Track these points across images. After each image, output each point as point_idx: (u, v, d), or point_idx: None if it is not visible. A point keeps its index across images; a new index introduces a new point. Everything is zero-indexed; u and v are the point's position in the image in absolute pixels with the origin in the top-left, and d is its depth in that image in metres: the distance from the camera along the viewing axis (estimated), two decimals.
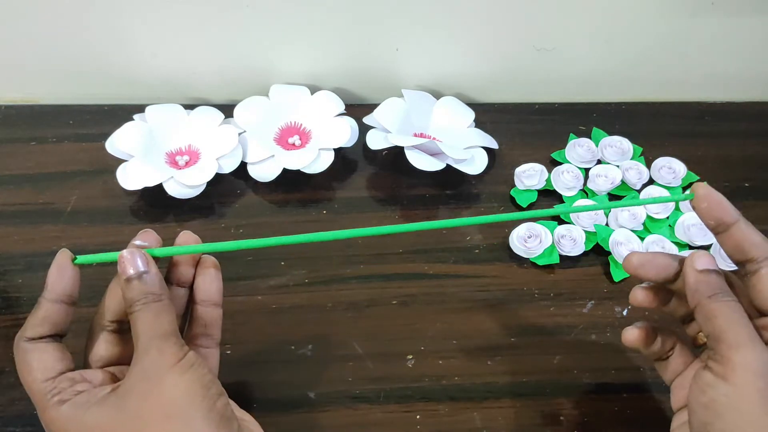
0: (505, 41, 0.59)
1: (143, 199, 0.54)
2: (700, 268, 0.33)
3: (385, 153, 0.58)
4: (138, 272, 0.33)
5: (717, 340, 0.31)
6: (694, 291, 0.33)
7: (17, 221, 0.52)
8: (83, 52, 0.57)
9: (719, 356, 0.31)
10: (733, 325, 0.31)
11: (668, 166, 0.57)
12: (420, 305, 0.48)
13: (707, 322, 0.32)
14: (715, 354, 0.31)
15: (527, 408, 0.43)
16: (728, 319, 0.31)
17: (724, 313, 0.32)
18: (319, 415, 0.42)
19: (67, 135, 0.58)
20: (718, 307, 0.32)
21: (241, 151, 0.54)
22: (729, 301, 0.32)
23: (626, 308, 0.48)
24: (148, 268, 0.33)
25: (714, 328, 0.32)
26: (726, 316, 0.32)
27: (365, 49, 0.59)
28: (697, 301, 0.33)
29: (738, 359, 0.30)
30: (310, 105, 0.58)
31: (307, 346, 0.45)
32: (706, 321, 0.32)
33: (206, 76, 0.60)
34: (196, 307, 0.37)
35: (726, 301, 0.32)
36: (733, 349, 0.30)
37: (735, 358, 0.30)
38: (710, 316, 0.32)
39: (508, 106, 0.63)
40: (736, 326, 0.31)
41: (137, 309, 0.32)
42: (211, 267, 0.37)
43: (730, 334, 0.31)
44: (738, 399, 0.30)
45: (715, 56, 0.61)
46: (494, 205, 0.55)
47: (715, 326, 0.32)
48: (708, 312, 0.32)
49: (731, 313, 0.32)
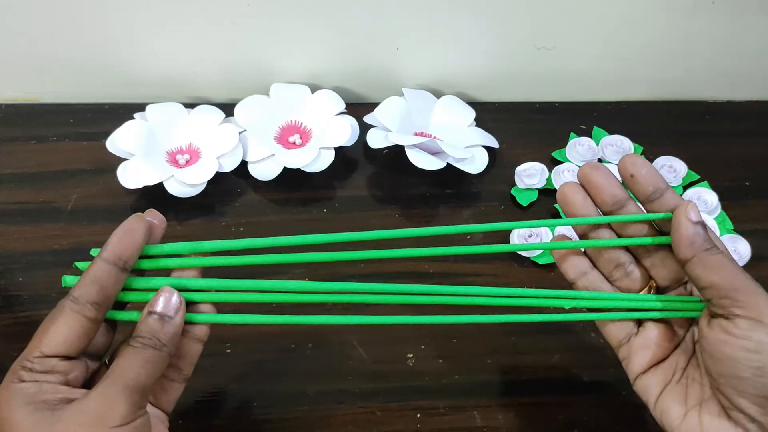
0: (506, 40, 0.59)
1: (144, 198, 0.54)
2: (695, 220, 0.33)
3: (385, 152, 0.58)
4: (164, 314, 0.31)
5: (729, 289, 0.31)
6: (690, 243, 0.33)
7: (18, 220, 0.52)
8: (84, 51, 0.57)
9: (740, 303, 0.31)
10: (741, 275, 0.32)
11: (669, 165, 0.57)
12: (420, 304, 0.48)
13: (711, 274, 0.32)
14: (731, 303, 0.31)
15: (527, 407, 0.43)
16: (734, 270, 0.32)
17: (727, 264, 0.32)
18: (318, 414, 0.42)
19: (68, 134, 0.58)
20: (718, 259, 0.32)
21: (241, 150, 0.54)
22: (725, 253, 0.33)
23: None
24: (174, 316, 0.31)
25: (722, 278, 0.31)
26: (730, 267, 0.32)
27: (366, 47, 0.59)
28: (693, 253, 0.33)
29: (763, 303, 0.30)
30: (310, 104, 0.58)
31: (307, 344, 0.45)
32: (708, 273, 0.32)
33: (207, 74, 0.60)
34: (180, 338, 0.33)
35: (724, 254, 0.33)
36: (755, 295, 0.31)
37: (760, 301, 0.30)
38: (716, 268, 0.32)
39: (508, 105, 0.63)
40: (743, 276, 0.32)
41: (134, 345, 0.30)
42: (210, 304, 0.35)
43: (741, 284, 0.31)
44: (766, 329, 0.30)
45: (716, 55, 0.61)
46: (495, 204, 0.55)
47: (723, 277, 0.32)
48: (711, 264, 0.32)
49: (734, 265, 0.32)
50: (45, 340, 0.30)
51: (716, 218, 0.53)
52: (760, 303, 0.30)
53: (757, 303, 0.30)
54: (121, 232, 0.31)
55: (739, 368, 0.30)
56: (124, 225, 0.31)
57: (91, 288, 0.30)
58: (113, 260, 0.30)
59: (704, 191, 0.55)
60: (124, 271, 0.31)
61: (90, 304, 0.30)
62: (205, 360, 0.44)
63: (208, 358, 0.44)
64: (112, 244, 0.31)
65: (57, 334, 0.30)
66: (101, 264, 0.30)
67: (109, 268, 0.30)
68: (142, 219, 0.32)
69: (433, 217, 0.54)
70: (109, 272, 0.30)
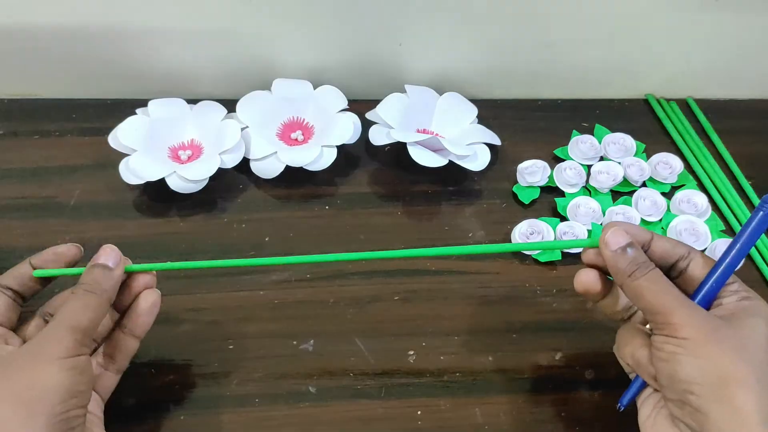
0: (509, 37, 0.59)
1: (146, 194, 0.54)
2: (614, 249, 0.36)
3: (387, 149, 0.58)
4: (105, 265, 0.36)
5: (652, 313, 0.35)
6: (615, 273, 0.36)
7: (20, 215, 0.52)
8: (86, 46, 0.57)
9: (660, 324, 0.34)
10: (660, 296, 0.34)
11: (665, 161, 0.57)
12: (422, 301, 0.48)
13: (637, 301, 0.36)
14: (656, 324, 0.35)
15: (529, 404, 0.43)
16: (654, 292, 0.35)
17: (647, 288, 0.35)
18: (320, 410, 0.42)
19: (70, 129, 0.58)
20: (640, 284, 0.35)
21: (243, 147, 0.54)
22: (648, 274, 0.35)
23: None
24: (114, 268, 0.37)
25: (645, 304, 0.35)
26: (651, 290, 0.35)
27: (368, 44, 0.59)
28: (620, 282, 0.36)
29: (677, 321, 0.33)
30: (312, 100, 0.58)
31: (309, 341, 0.46)
32: (635, 299, 0.36)
33: (209, 70, 0.60)
34: (117, 331, 0.39)
35: (646, 276, 0.35)
36: (669, 315, 0.34)
37: (673, 321, 0.33)
38: (638, 295, 0.35)
39: (510, 103, 0.63)
40: (662, 296, 0.34)
41: (77, 291, 0.35)
42: (152, 301, 0.39)
43: (660, 306, 0.34)
44: (692, 348, 0.33)
45: (719, 53, 0.61)
46: (496, 202, 0.55)
47: (645, 303, 0.35)
48: (634, 291, 0.35)
49: (654, 286, 0.35)
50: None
51: (707, 221, 0.53)
52: (675, 321, 0.33)
53: (672, 322, 0.33)
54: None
55: (661, 377, 0.34)
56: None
57: (50, 256, 0.39)
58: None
59: (694, 193, 0.55)
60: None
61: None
62: (208, 356, 0.44)
63: (211, 354, 0.44)
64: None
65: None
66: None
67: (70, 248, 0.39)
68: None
69: (435, 215, 0.54)
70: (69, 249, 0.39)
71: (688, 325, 0.33)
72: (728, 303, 0.36)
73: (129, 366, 0.40)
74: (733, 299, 0.36)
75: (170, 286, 0.48)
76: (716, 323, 0.34)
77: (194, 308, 0.47)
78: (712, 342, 0.33)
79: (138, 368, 0.43)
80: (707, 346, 0.32)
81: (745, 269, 0.50)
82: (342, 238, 0.52)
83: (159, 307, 0.39)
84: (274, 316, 0.47)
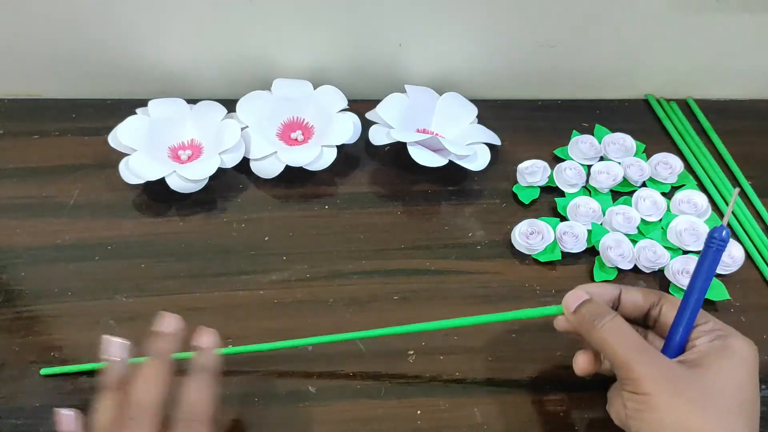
0: (509, 38, 0.59)
1: (146, 193, 0.54)
2: (573, 309, 0.37)
3: (387, 149, 0.58)
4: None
5: (616, 367, 0.35)
6: (580, 332, 0.37)
7: (20, 215, 0.52)
8: (86, 47, 0.57)
9: (624, 379, 0.34)
10: (619, 347, 0.34)
11: (664, 161, 0.57)
12: (421, 301, 0.48)
13: (602, 353, 0.36)
14: (621, 379, 0.35)
15: (528, 404, 0.43)
16: (612, 344, 0.34)
17: (607, 339, 0.35)
18: (319, 410, 0.42)
19: (70, 129, 0.58)
20: (600, 336, 0.35)
21: (243, 146, 0.54)
22: (607, 324, 0.35)
23: None
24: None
25: (608, 355, 0.35)
26: (610, 341, 0.35)
27: (368, 44, 0.59)
28: (587, 339, 0.36)
29: (636, 375, 0.33)
30: (313, 100, 0.58)
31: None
32: (601, 351, 0.36)
33: (209, 70, 0.60)
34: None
35: (604, 326, 0.35)
36: (629, 369, 0.33)
37: (634, 375, 0.33)
38: (600, 347, 0.35)
39: (511, 103, 0.63)
40: (621, 348, 0.34)
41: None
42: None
43: (620, 356, 0.34)
44: (653, 403, 0.32)
45: (719, 53, 0.61)
46: (496, 202, 0.55)
47: (607, 354, 0.35)
48: (597, 343, 0.36)
49: (612, 337, 0.35)
50: None
51: (707, 221, 0.53)
52: (635, 375, 0.33)
53: (633, 376, 0.33)
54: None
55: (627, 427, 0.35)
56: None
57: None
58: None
59: (694, 193, 0.55)
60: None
61: None
62: None
63: None
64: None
65: None
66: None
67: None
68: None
69: (435, 215, 0.54)
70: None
71: (648, 379, 0.33)
72: (701, 344, 0.35)
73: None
74: (705, 340, 0.35)
75: (170, 286, 0.48)
76: (677, 373, 0.33)
77: (194, 308, 0.47)
78: (672, 395, 0.32)
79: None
80: (667, 400, 0.32)
81: (745, 269, 0.50)
82: (342, 238, 0.52)
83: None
84: (273, 316, 0.47)
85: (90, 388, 0.42)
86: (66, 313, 0.46)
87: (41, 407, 0.41)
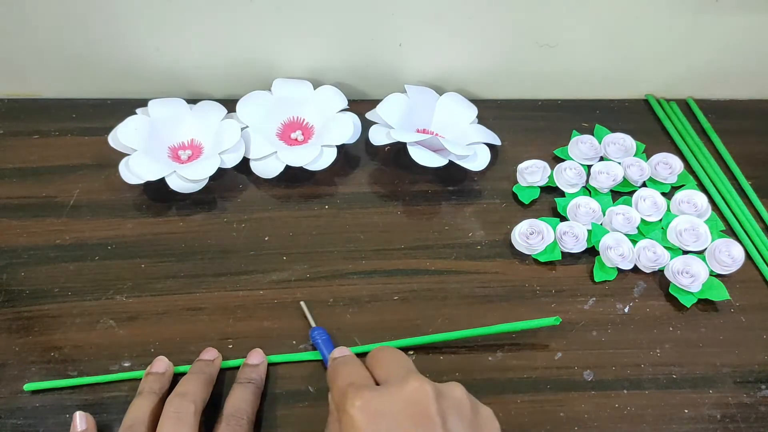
0: (509, 37, 0.59)
1: (145, 193, 0.54)
2: (328, 365, 0.40)
3: (387, 149, 0.58)
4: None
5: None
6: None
7: (20, 215, 0.52)
8: (86, 46, 0.57)
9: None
10: (336, 391, 0.36)
11: (664, 161, 0.57)
12: (421, 301, 0.48)
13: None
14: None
15: (528, 404, 0.43)
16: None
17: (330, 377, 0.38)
18: (319, 410, 0.42)
19: (70, 129, 0.58)
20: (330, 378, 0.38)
21: (243, 146, 0.54)
22: (330, 370, 0.38)
23: (627, 305, 0.48)
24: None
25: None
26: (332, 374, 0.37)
27: (368, 44, 0.59)
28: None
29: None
30: (312, 100, 0.58)
31: (308, 341, 0.46)
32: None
33: (209, 70, 0.60)
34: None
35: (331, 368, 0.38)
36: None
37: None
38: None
39: (511, 103, 0.63)
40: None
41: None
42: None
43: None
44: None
45: (719, 53, 0.61)
46: (496, 202, 0.55)
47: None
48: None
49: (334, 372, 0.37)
50: None
51: (707, 221, 0.53)
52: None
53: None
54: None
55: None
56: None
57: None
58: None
59: (694, 193, 0.55)
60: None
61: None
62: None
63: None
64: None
65: None
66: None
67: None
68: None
69: (435, 215, 0.54)
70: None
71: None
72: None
73: (128, 366, 0.40)
74: None
75: (170, 286, 0.48)
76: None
77: (194, 308, 0.47)
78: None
79: (138, 368, 0.43)
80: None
81: (745, 269, 0.50)
82: (342, 238, 0.52)
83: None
84: (273, 316, 0.47)
85: (90, 388, 0.42)
86: (66, 313, 0.46)
87: (41, 407, 0.42)
